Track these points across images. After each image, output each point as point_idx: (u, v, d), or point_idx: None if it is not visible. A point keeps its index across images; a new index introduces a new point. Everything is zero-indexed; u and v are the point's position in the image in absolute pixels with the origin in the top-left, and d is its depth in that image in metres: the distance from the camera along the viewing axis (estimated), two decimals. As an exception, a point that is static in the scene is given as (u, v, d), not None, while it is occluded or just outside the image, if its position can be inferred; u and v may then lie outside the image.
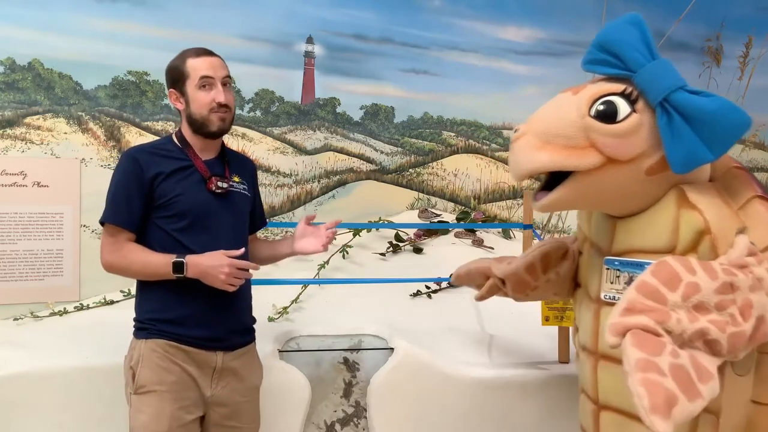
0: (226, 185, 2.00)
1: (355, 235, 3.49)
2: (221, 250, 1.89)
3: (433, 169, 3.99)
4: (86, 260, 3.03)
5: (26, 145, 3.12)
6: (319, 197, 3.70)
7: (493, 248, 3.61)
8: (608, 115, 1.66)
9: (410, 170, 3.93)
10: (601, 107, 1.67)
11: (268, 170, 3.59)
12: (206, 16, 3.40)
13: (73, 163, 3.13)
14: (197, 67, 1.96)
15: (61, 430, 2.25)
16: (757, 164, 4.58)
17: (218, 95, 1.95)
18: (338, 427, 2.48)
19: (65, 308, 2.91)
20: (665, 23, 3.83)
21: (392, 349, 2.52)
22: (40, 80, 3.16)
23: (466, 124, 4.06)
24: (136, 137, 3.29)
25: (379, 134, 3.86)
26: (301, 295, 2.97)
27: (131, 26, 3.28)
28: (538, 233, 3.53)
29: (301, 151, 3.69)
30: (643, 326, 1.44)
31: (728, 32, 4.34)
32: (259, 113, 3.60)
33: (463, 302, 3.09)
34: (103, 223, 1.95)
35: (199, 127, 1.98)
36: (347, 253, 3.40)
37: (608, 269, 1.79)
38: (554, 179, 1.73)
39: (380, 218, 3.65)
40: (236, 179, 2.06)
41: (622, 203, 1.77)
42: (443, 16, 3.92)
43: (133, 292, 2.16)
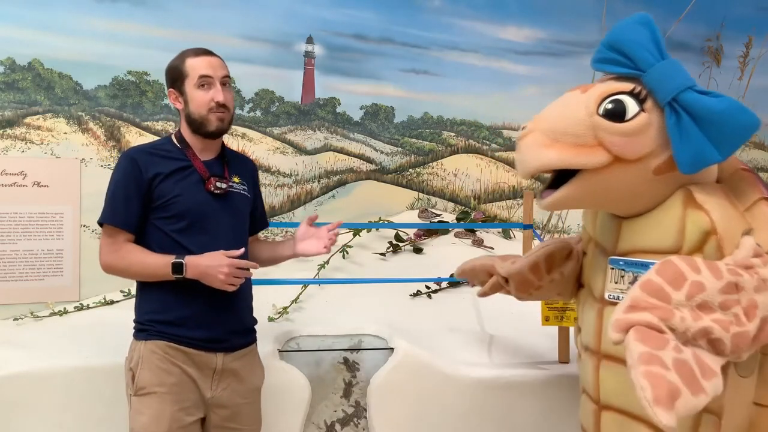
0: (225, 186, 1.98)
1: (355, 235, 3.49)
2: (220, 250, 1.89)
3: (433, 169, 3.99)
4: (86, 260, 3.03)
5: (26, 145, 3.12)
6: (319, 197, 3.70)
7: (493, 248, 3.61)
8: (617, 113, 1.65)
9: (410, 170, 3.93)
10: (609, 106, 1.66)
11: (268, 170, 3.58)
12: (206, 16, 3.40)
13: (73, 163, 3.13)
14: (196, 66, 1.96)
15: (61, 430, 2.25)
16: (757, 164, 4.58)
17: (217, 94, 1.94)
18: (338, 427, 2.48)
19: (65, 308, 2.91)
20: (665, 23, 3.82)
21: (392, 349, 2.52)
22: (40, 80, 3.15)
23: (466, 124, 4.06)
24: (136, 137, 3.28)
25: (379, 134, 3.86)
26: (301, 295, 2.97)
27: (131, 26, 3.27)
28: (538, 233, 3.53)
29: (301, 151, 3.69)
30: (646, 323, 1.44)
31: (728, 32, 4.34)
32: (259, 113, 3.60)
33: (463, 302, 3.10)
34: (101, 224, 1.94)
35: (197, 126, 1.97)
36: (347, 253, 3.40)
37: (613, 269, 1.79)
38: (560, 178, 1.73)
39: (380, 218, 3.65)
40: (236, 180, 2.05)
41: (628, 203, 1.77)
42: (443, 16, 3.92)
43: (133, 292, 2.15)
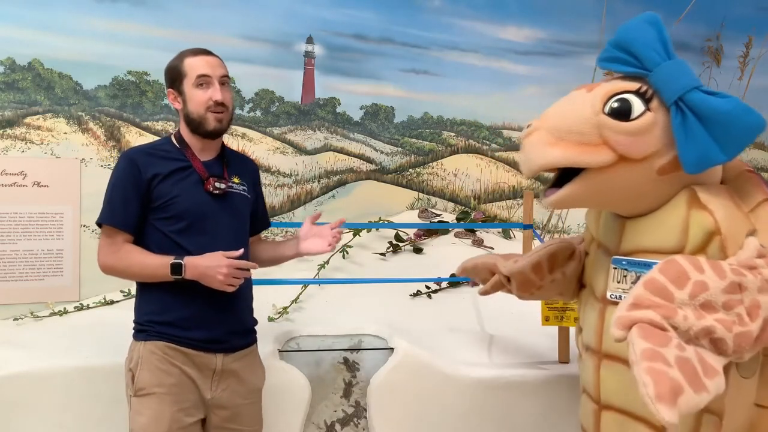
0: (224, 186, 1.98)
1: (355, 235, 3.49)
2: (219, 251, 1.88)
3: (433, 169, 3.99)
4: (86, 260, 3.02)
5: (26, 145, 3.12)
6: (319, 197, 3.70)
7: (493, 248, 3.61)
8: (622, 112, 1.65)
9: (410, 170, 3.93)
10: (615, 104, 1.66)
11: (268, 170, 3.58)
12: (206, 16, 3.40)
13: (73, 163, 3.13)
14: (194, 65, 1.95)
15: (61, 430, 2.25)
16: (757, 164, 4.58)
17: (215, 93, 1.94)
18: (338, 427, 2.48)
19: (65, 308, 2.91)
20: (665, 23, 3.81)
21: (392, 349, 2.52)
22: (40, 80, 3.15)
23: (466, 124, 4.06)
24: (136, 137, 3.28)
25: (379, 134, 3.86)
26: (301, 295, 2.97)
27: (131, 26, 3.27)
28: (538, 233, 3.53)
29: (301, 151, 3.69)
30: (649, 320, 1.43)
31: (728, 32, 4.34)
32: (259, 113, 3.60)
33: (463, 302, 3.10)
34: (100, 224, 1.94)
35: (196, 126, 1.97)
36: (347, 253, 3.40)
37: (615, 269, 1.79)
38: (564, 177, 1.72)
39: (380, 218, 3.65)
40: (236, 180, 2.04)
41: (632, 202, 1.76)
42: (443, 16, 3.92)
43: (133, 292, 2.15)
